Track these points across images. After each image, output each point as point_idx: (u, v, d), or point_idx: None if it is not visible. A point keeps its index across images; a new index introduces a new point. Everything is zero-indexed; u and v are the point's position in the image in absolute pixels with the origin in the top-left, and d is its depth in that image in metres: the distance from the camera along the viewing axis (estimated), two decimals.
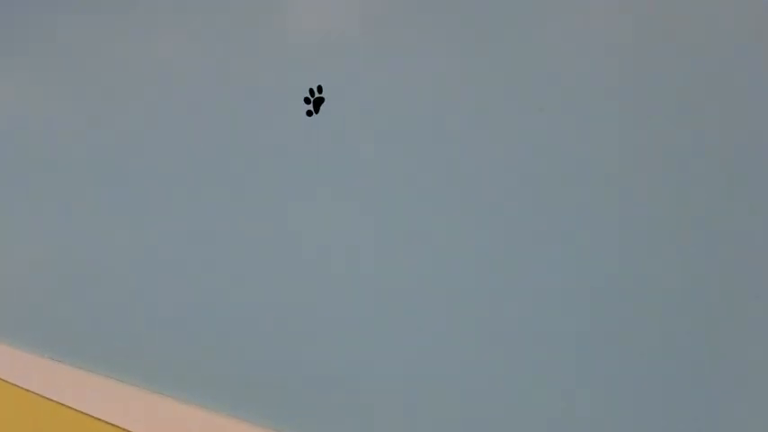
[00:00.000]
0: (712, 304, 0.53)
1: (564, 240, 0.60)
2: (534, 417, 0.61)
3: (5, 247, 1.28)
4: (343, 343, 0.75)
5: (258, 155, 0.80)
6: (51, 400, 1.11)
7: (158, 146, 0.94)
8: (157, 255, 0.94)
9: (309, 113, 0.75)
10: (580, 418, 0.59)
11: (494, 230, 0.64)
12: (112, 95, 1.01)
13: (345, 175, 0.74)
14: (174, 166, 0.90)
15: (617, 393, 0.57)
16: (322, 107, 0.74)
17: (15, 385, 1.19)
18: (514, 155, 0.63)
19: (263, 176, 0.80)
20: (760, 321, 0.51)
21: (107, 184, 1.03)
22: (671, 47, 0.54)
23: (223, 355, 0.86)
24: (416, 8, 0.68)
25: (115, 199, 1.02)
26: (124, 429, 0.96)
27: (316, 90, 0.74)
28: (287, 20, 0.77)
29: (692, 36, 0.53)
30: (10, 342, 1.24)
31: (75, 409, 1.05)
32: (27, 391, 1.17)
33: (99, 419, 1.00)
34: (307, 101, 0.75)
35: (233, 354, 0.85)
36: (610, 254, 0.58)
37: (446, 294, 0.67)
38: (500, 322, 0.64)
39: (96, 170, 1.05)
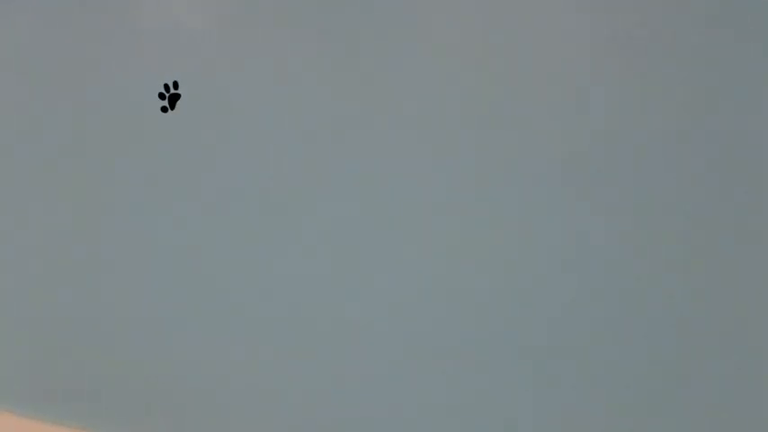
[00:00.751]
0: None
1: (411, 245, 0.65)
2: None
3: None
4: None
5: (107, 151, 0.75)
6: None
7: None
8: None
9: (164, 110, 0.72)
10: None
11: (346, 228, 0.68)
12: None
13: (199, 174, 0.72)
14: (7, 163, 0.81)
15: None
16: (178, 103, 0.71)
17: None
18: (374, 156, 0.66)
19: (110, 173, 0.75)
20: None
21: None
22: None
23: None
24: (281, 6, 0.67)
25: None
26: None
27: (171, 86, 0.71)
28: (143, 10, 0.72)
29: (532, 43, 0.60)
30: None
31: None
32: None
33: None
34: (161, 96, 0.71)
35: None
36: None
37: (290, 302, 0.69)
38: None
39: None
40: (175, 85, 0.71)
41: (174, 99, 0.71)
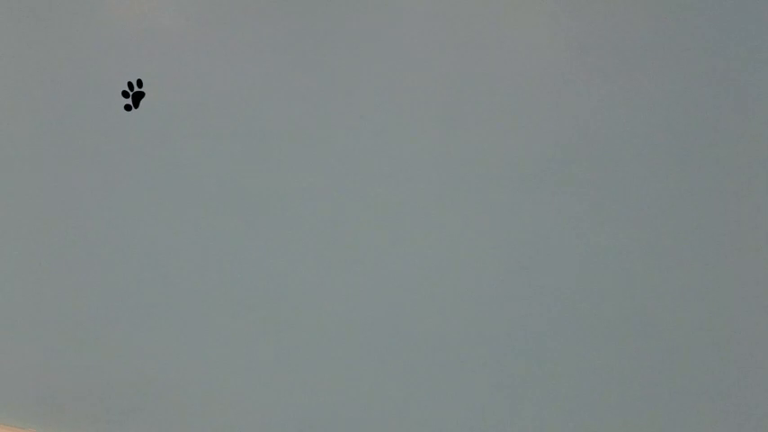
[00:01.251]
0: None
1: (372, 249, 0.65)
2: None
3: None
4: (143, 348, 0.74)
5: (70, 149, 0.75)
6: None
7: None
8: None
9: (128, 108, 0.72)
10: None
11: (310, 229, 0.67)
12: None
13: (163, 173, 0.72)
14: None
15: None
16: (142, 102, 0.72)
17: None
18: (338, 157, 0.66)
19: (73, 172, 0.75)
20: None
21: None
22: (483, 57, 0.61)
23: None
24: (246, 8, 0.68)
25: None
26: None
27: (135, 84, 0.71)
28: (107, 8, 0.73)
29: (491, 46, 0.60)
30: None
31: None
32: None
33: None
34: (125, 95, 0.72)
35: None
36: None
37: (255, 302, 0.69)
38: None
39: None
40: (139, 83, 0.71)
41: (137, 97, 0.72)
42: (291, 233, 0.68)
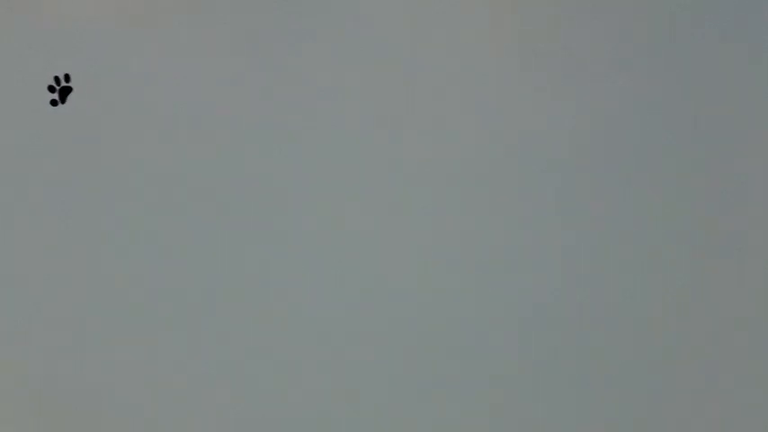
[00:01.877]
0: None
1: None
2: None
3: None
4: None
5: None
6: None
7: None
8: None
9: (54, 103, 0.70)
10: None
11: (243, 234, 0.67)
12: None
13: (89, 172, 0.70)
14: None
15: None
16: (69, 97, 0.70)
17: None
18: (278, 156, 0.66)
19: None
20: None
21: None
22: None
23: None
24: (179, 6, 0.68)
25: None
26: None
27: (62, 78, 0.70)
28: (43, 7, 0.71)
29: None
30: None
31: None
32: None
33: None
34: (51, 89, 0.70)
35: None
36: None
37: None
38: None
39: None
40: (66, 77, 0.70)
41: (65, 93, 0.70)
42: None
